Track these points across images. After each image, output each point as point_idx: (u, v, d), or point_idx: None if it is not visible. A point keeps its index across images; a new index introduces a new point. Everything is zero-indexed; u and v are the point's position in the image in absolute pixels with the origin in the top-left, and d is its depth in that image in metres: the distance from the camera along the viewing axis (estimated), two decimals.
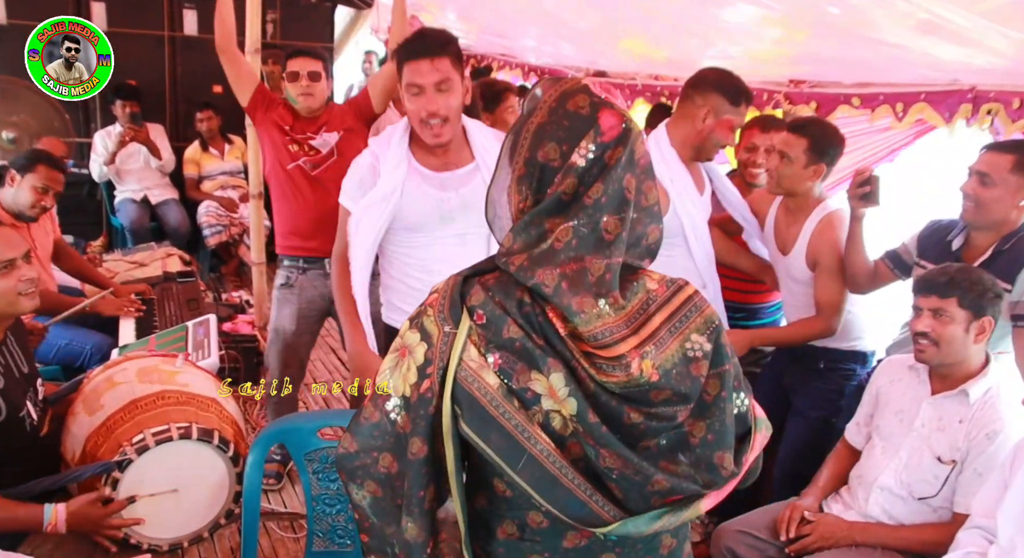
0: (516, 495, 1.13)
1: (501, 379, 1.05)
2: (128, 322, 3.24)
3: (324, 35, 6.19)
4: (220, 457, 2.00)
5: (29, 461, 1.98)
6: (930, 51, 2.33)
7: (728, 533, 2.24)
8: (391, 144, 2.14)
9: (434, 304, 1.12)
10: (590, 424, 1.04)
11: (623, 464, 1.04)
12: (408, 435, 1.11)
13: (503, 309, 1.06)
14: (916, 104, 2.59)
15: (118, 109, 5.05)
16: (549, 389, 1.04)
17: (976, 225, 2.24)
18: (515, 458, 1.05)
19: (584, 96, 1.09)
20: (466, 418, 1.06)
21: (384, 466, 1.14)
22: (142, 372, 2.15)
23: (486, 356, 1.06)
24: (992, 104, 2.37)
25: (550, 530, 1.14)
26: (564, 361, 1.05)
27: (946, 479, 2.01)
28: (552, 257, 1.06)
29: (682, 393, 1.08)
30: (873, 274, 2.47)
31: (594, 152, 1.07)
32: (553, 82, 1.13)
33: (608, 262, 1.07)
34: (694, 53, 3.26)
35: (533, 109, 1.11)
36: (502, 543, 1.17)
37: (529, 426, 1.04)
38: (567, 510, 1.05)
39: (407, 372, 1.11)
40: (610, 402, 1.05)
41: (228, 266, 5.62)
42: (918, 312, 2.04)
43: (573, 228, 1.06)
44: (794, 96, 3.09)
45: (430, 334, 1.10)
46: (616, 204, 1.08)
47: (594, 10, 3.49)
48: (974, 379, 2.03)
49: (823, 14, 2.39)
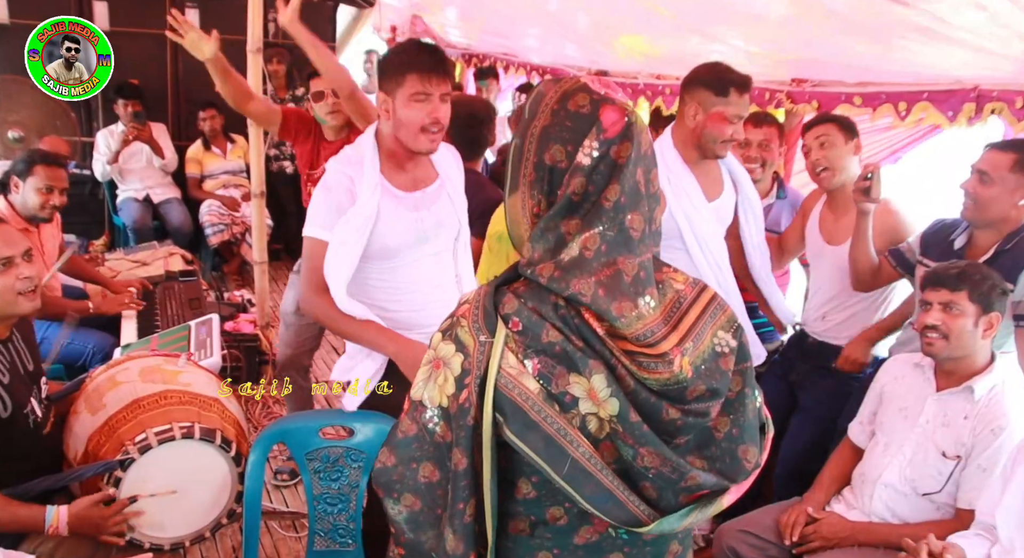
0: (541, 495, 1.13)
1: (541, 384, 1.06)
2: (130, 322, 3.24)
3: (326, 34, 6.19)
4: (222, 457, 2.00)
5: (32, 459, 1.98)
6: (933, 51, 2.33)
7: (730, 533, 2.24)
8: (365, 165, 2.02)
9: (467, 314, 1.12)
10: (631, 423, 1.05)
11: (661, 462, 1.06)
12: (449, 445, 1.11)
13: (539, 314, 1.07)
14: (919, 103, 2.58)
15: (120, 108, 5.06)
16: (589, 391, 1.05)
17: (976, 223, 2.24)
18: (559, 461, 1.05)
19: (584, 94, 1.09)
20: (509, 424, 1.07)
21: (424, 476, 1.15)
22: (145, 371, 2.15)
23: (524, 362, 1.06)
24: (996, 103, 2.36)
25: (567, 527, 1.15)
26: (604, 361, 1.06)
27: (950, 475, 2.01)
28: (584, 265, 1.06)
29: (714, 388, 1.10)
30: (877, 271, 2.47)
31: (599, 150, 1.07)
32: (554, 82, 1.13)
33: (640, 260, 1.09)
34: (695, 51, 3.26)
35: (536, 112, 1.11)
36: (511, 538, 1.17)
37: (570, 429, 1.05)
38: (609, 511, 1.07)
39: (443, 383, 1.12)
40: (649, 399, 1.07)
41: (230, 265, 5.63)
42: (927, 306, 2.04)
43: (600, 234, 1.07)
44: (796, 95, 3.09)
45: (465, 345, 1.10)
46: (635, 200, 1.09)
47: (594, 8, 3.49)
48: (980, 375, 2.03)
49: (827, 12, 2.38)
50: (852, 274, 2.52)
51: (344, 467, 2.11)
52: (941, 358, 2.06)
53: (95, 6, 5.30)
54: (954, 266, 2.04)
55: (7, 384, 1.90)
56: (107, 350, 3.09)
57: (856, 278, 2.52)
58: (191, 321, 3.03)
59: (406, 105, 1.96)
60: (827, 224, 2.71)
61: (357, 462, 2.11)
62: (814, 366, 2.71)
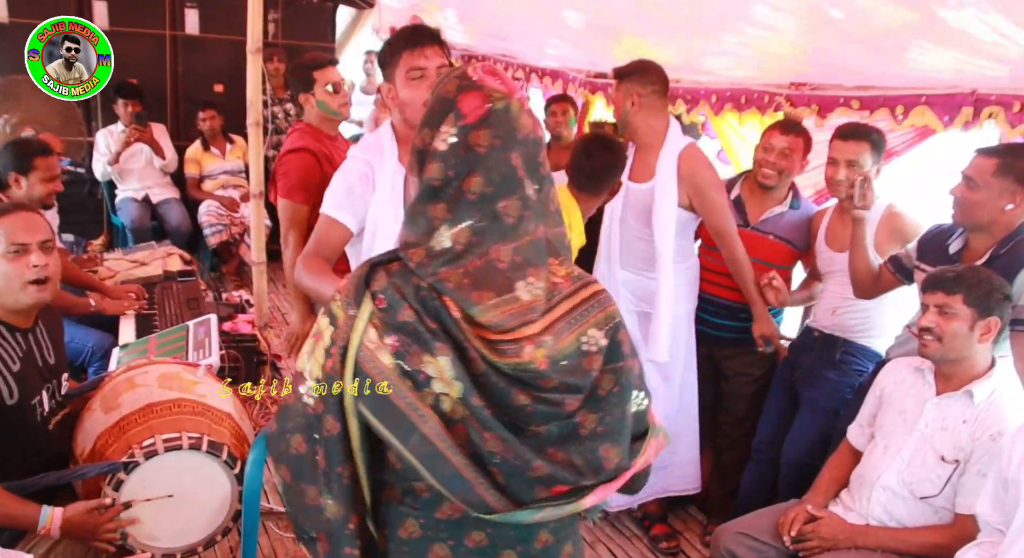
0: (405, 467, 1.16)
1: (396, 360, 1.08)
2: (128, 321, 3.24)
3: (326, 35, 6.20)
4: (225, 473, 1.97)
5: (36, 454, 1.97)
6: (931, 55, 2.34)
7: (728, 535, 2.25)
8: (384, 152, 2.10)
9: (342, 290, 1.16)
10: (474, 407, 1.07)
11: (504, 448, 1.08)
12: (321, 414, 1.14)
13: (400, 294, 1.10)
14: (917, 107, 2.59)
15: (120, 108, 5.06)
16: (440, 372, 1.08)
17: (966, 227, 2.25)
18: (406, 435, 1.09)
19: (456, 80, 1.11)
20: (363, 396, 1.10)
21: (295, 447, 1.18)
22: (163, 378, 2.14)
23: (383, 338, 1.09)
24: (993, 107, 2.37)
25: (431, 500, 1.18)
26: (456, 344, 1.08)
27: (948, 479, 2.02)
28: (455, 258, 1.09)
29: (571, 384, 1.11)
30: (877, 278, 2.49)
31: (455, 135, 1.08)
32: (452, 68, 1.17)
33: (518, 244, 1.10)
34: (695, 54, 3.26)
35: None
36: (385, 504, 1.21)
37: (421, 405, 1.08)
38: (453, 489, 1.09)
39: (319, 355, 1.15)
40: (499, 383, 1.08)
41: (229, 265, 5.63)
42: (924, 309, 2.06)
43: (470, 227, 1.09)
44: (795, 98, 3.09)
45: (336, 317, 1.14)
46: (509, 187, 1.09)
47: (594, 10, 3.49)
48: (979, 380, 2.03)
49: (825, 17, 2.39)
50: (853, 282, 2.53)
51: None
52: (935, 360, 2.07)
53: (95, 6, 5.31)
54: (952, 269, 2.05)
55: (16, 372, 1.89)
56: (106, 349, 3.09)
57: (857, 285, 2.53)
58: (189, 321, 3.03)
59: (405, 85, 2.00)
60: (836, 232, 2.73)
61: None
62: (818, 358, 2.73)
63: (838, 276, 2.72)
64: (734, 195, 2.97)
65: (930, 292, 2.05)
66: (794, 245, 2.92)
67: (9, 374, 1.88)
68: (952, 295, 1.99)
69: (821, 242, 2.80)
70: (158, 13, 5.55)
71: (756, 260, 2.87)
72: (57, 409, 2.05)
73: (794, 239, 2.91)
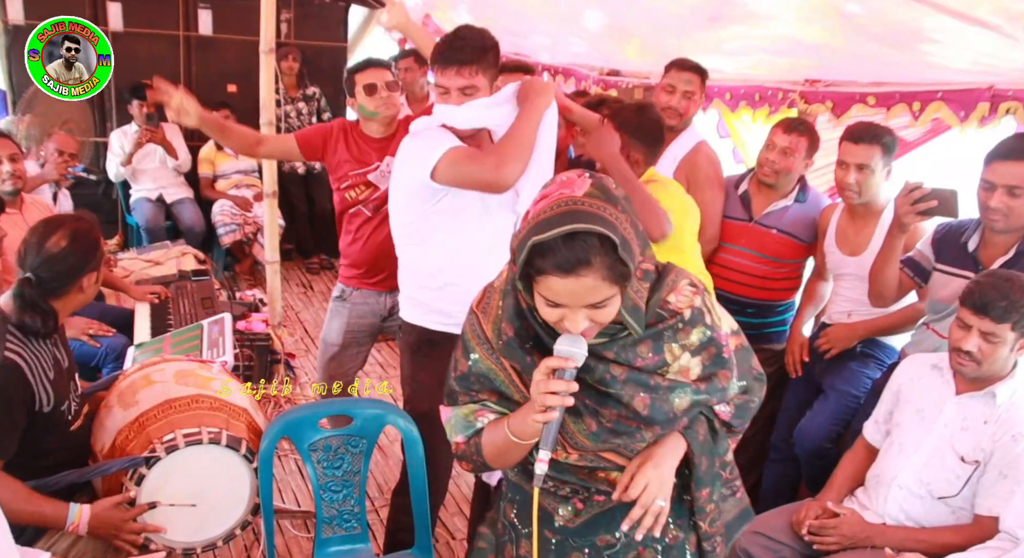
0: None
1: None
2: (143, 321, 3.26)
3: (338, 34, 6.21)
4: (245, 467, 2.00)
5: (60, 453, 1.99)
6: (947, 50, 2.31)
7: (743, 534, 2.23)
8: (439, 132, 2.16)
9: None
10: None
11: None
12: None
13: None
14: (933, 103, 2.56)
15: (134, 109, 5.09)
16: None
17: (997, 231, 2.21)
18: None
19: None
20: None
21: None
22: (180, 374, 2.16)
23: None
24: (1010, 103, 2.34)
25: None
26: None
27: (968, 479, 1.99)
28: None
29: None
30: (899, 286, 2.46)
31: None
32: None
33: None
34: (707, 50, 3.25)
35: None
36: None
37: None
38: None
39: None
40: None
41: (242, 265, 5.66)
42: (966, 328, 1.96)
43: None
44: (809, 95, 3.07)
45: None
46: None
47: (607, 7, 3.48)
48: (1002, 380, 2.00)
49: (841, 13, 2.37)
50: (876, 293, 2.48)
51: (345, 454, 2.17)
52: (969, 378, 2.03)
53: (109, 7, 5.34)
54: (1003, 294, 1.91)
55: (52, 379, 1.91)
56: (120, 350, 3.10)
57: (881, 296, 2.48)
58: (203, 320, 3.05)
59: (438, 98, 2.10)
60: (846, 234, 2.70)
61: (357, 448, 2.17)
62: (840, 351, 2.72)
63: (851, 280, 2.70)
64: (742, 190, 2.95)
65: (976, 314, 1.93)
66: (799, 239, 2.87)
67: (48, 382, 1.90)
68: (1002, 324, 1.91)
69: (831, 243, 2.76)
70: (171, 14, 5.57)
71: (766, 257, 2.85)
72: (79, 411, 2.07)
73: (798, 233, 2.87)
